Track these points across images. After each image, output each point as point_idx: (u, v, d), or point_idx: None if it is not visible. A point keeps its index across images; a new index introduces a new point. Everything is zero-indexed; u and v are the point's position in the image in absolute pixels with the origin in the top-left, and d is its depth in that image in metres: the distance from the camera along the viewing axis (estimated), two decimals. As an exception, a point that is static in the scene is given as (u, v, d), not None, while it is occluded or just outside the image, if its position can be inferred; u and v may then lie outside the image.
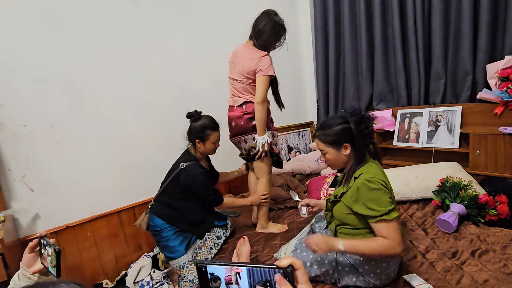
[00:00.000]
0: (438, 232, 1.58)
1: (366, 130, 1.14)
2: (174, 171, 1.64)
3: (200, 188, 1.62)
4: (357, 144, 1.16)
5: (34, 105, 1.59)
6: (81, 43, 1.74)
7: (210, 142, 1.66)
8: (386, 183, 1.11)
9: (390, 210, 1.05)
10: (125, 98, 1.93)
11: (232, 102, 1.78)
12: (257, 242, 1.76)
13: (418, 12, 2.33)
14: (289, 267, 0.45)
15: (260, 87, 1.62)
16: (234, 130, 1.79)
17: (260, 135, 1.70)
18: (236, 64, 1.71)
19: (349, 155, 1.19)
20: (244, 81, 1.70)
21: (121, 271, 1.90)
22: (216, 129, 1.67)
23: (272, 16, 1.67)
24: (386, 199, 1.07)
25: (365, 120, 1.14)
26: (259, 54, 1.64)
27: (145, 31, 2.00)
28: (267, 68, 1.61)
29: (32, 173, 1.59)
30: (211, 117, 1.68)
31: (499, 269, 1.25)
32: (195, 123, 1.64)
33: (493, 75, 2.01)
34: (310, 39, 3.15)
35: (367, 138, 1.15)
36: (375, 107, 2.79)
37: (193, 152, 1.70)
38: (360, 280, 1.20)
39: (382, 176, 1.12)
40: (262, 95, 1.62)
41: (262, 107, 1.63)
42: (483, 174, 1.98)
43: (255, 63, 1.62)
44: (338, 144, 1.18)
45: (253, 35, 1.70)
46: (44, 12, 1.60)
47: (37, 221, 1.62)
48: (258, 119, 1.66)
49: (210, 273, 0.48)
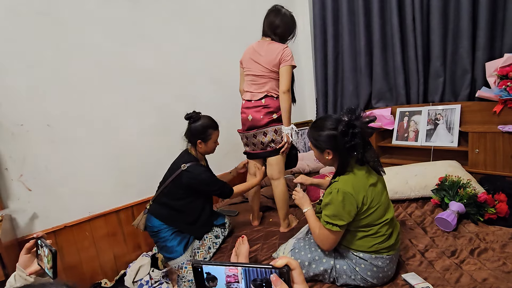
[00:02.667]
0: (437, 231, 1.58)
1: (349, 143, 1.12)
2: (174, 172, 1.63)
3: (207, 186, 1.63)
4: (338, 153, 1.18)
5: (30, 104, 1.58)
6: (79, 42, 1.72)
7: (212, 142, 1.68)
8: (354, 195, 1.12)
9: (335, 225, 1.14)
10: (123, 97, 1.92)
11: (249, 97, 1.77)
12: (256, 241, 1.76)
13: (417, 10, 2.32)
14: (285, 267, 0.44)
15: (285, 77, 1.65)
16: (250, 123, 1.77)
17: (287, 125, 1.70)
18: (258, 60, 1.71)
19: (332, 160, 1.23)
20: (268, 75, 1.70)
21: (120, 270, 1.90)
22: (217, 128, 1.69)
23: (285, 10, 1.72)
24: (339, 213, 1.12)
25: (353, 134, 1.11)
26: (282, 46, 1.67)
27: (143, 30, 1.99)
28: (290, 58, 1.65)
29: (29, 173, 1.59)
30: (210, 116, 1.70)
31: (498, 267, 1.25)
32: (195, 123, 1.64)
33: (492, 73, 2.01)
34: (309, 37, 3.15)
35: (350, 150, 1.14)
36: (374, 105, 2.79)
37: (193, 153, 1.70)
38: (358, 279, 1.21)
39: (352, 189, 1.12)
40: (287, 84, 1.65)
41: (288, 96, 1.66)
42: (482, 173, 1.98)
43: (280, 55, 1.65)
44: (321, 148, 1.23)
45: (268, 31, 1.72)
46: (41, 10, 1.59)
47: (35, 221, 1.62)
48: (284, 108, 1.67)
49: (207, 272, 0.48)
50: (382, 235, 1.17)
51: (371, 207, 1.15)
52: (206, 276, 0.48)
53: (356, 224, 1.18)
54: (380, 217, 1.17)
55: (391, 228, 1.21)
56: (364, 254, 1.20)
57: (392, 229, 1.21)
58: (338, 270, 1.24)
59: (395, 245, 1.22)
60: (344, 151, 1.15)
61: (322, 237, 1.21)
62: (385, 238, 1.18)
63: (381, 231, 1.17)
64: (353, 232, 1.20)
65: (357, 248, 1.21)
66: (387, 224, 1.18)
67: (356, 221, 1.17)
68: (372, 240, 1.18)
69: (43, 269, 0.87)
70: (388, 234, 1.19)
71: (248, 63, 1.76)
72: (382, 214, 1.18)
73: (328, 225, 1.15)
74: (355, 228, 1.19)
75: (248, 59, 1.75)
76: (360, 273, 1.19)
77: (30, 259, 0.89)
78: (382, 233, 1.17)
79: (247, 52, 1.79)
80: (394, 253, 1.22)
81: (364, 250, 1.19)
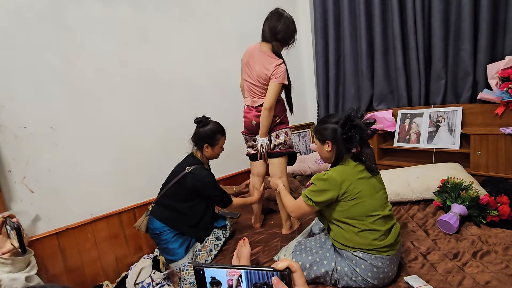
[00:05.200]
0: (439, 233, 1.58)
1: (346, 135, 1.21)
2: (178, 174, 1.64)
3: (209, 189, 1.64)
4: (337, 145, 1.27)
5: (34, 107, 1.59)
6: (82, 44, 1.74)
7: (218, 147, 1.72)
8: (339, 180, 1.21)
9: (310, 199, 1.26)
10: (126, 99, 1.93)
11: (251, 103, 1.78)
12: (257, 243, 1.76)
13: (418, 13, 2.32)
14: (286, 270, 0.44)
15: (271, 93, 1.64)
16: (254, 128, 1.79)
17: (261, 137, 1.74)
18: (252, 69, 1.71)
19: (331, 153, 1.31)
20: (261, 86, 1.72)
21: (121, 272, 1.90)
22: (224, 133, 1.74)
23: (286, 14, 1.69)
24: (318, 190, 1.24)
25: (352, 127, 1.20)
26: (275, 63, 1.63)
27: (145, 33, 2.01)
28: (280, 76, 1.63)
29: (32, 175, 1.60)
30: (218, 122, 1.74)
31: (501, 270, 1.24)
32: (204, 128, 1.68)
33: (493, 75, 2.00)
34: (310, 40, 3.16)
35: (347, 142, 1.23)
36: (376, 107, 2.79)
37: (199, 156, 1.71)
38: (359, 280, 1.21)
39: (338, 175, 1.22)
40: (271, 102, 1.64)
41: (268, 113, 1.66)
42: (484, 175, 1.97)
43: (271, 71, 1.63)
44: (323, 140, 1.32)
45: (269, 36, 1.68)
46: (45, 12, 1.61)
47: (38, 223, 1.62)
48: (262, 123, 1.69)
49: (212, 277, 0.48)
50: (378, 231, 1.20)
51: (358, 198, 1.21)
52: (210, 280, 0.48)
53: (346, 214, 1.22)
54: (371, 210, 1.21)
55: (387, 225, 1.23)
56: (364, 254, 1.20)
57: (389, 227, 1.23)
58: (339, 272, 1.24)
59: (394, 245, 1.22)
60: (341, 143, 1.23)
61: (296, 207, 1.35)
62: (381, 234, 1.20)
63: (376, 227, 1.20)
64: (347, 226, 1.23)
65: (355, 246, 1.22)
66: (380, 219, 1.21)
67: (344, 211, 1.22)
68: (368, 235, 1.20)
69: (16, 248, 0.89)
70: (384, 230, 1.20)
71: (245, 67, 1.78)
72: (373, 208, 1.21)
73: (305, 197, 1.28)
74: (346, 218, 1.22)
75: (246, 62, 1.76)
76: (361, 274, 1.20)
77: (1, 240, 0.91)
78: (377, 228, 1.20)
79: (245, 54, 1.78)
80: (394, 253, 1.23)
81: (363, 249, 1.20)
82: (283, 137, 1.76)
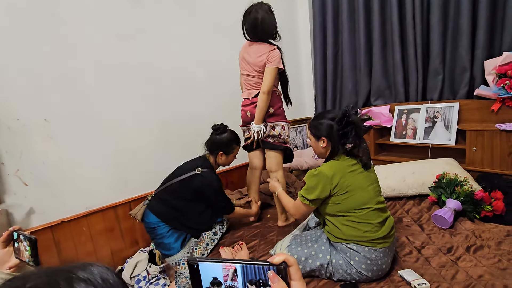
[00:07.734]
0: (434, 228, 1.59)
1: (341, 131, 1.23)
2: (185, 172, 1.63)
3: (215, 195, 1.65)
4: (332, 141, 1.28)
5: (27, 99, 1.56)
6: (77, 36, 1.70)
7: (232, 156, 1.76)
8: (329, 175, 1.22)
9: (306, 198, 1.27)
10: (122, 92, 1.90)
11: (247, 95, 1.81)
12: (253, 237, 1.77)
13: (417, 8, 2.31)
14: (283, 264, 0.44)
15: (267, 77, 1.65)
16: (249, 119, 1.82)
17: (257, 124, 1.74)
18: (248, 60, 1.74)
19: (325, 149, 1.33)
20: (257, 75, 1.73)
21: (117, 266, 1.90)
22: (240, 143, 1.77)
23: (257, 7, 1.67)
24: (311, 188, 1.26)
25: (348, 123, 1.22)
26: (269, 48, 1.67)
27: (142, 27, 1.97)
28: (275, 60, 1.65)
29: (26, 167, 1.57)
30: (234, 131, 1.77)
31: (493, 264, 1.26)
32: (221, 135, 1.70)
33: (490, 71, 2.01)
34: (308, 34, 3.13)
35: (342, 138, 1.25)
36: (373, 103, 2.79)
37: (211, 161, 1.73)
38: (353, 273, 1.22)
39: (329, 170, 1.24)
40: (268, 85, 1.65)
41: (266, 97, 1.67)
42: (479, 171, 1.99)
43: (265, 57, 1.65)
44: (318, 136, 1.33)
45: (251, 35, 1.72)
46: (38, 3, 1.57)
47: (32, 216, 1.61)
48: (259, 107, 1.69)
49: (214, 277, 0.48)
50: (369, 223, 1.21)
51: (349, 191, 1.22)
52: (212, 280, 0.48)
53: (338, 208, 1.24)
54: (362, 203, 1.22)
55: (380, 218, 1.24)
56: (358, 247, 1.22)
57: (382, 219, 1.24)
58: (334, 265, 1.25)
59: (388, 237, 1.24)
60: (337, 138, 1.25)
61: (295, 208, 1.38)
62: (373, 226, 1.21)
63: (368, 219, 1.21)
64: (340, 218, 1.24)
65: (348, 238, 1.23)
66: (373, 212, 1.22)
67: (337, 205, 1.24)
68: (361, 227, 1.21)
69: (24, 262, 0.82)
70: (377, 223, 1.22)
71: (241, 62, 1.81)
72: (364, 201, 1.23)
73: (301, 197, 1.30)
74: (339, 211, 1.24)
75: (242, 58, 1.79)
76: (355, 266, 1.21)
77: (6, 254, 0.84)
78: (369, 221, 1.21)
79: (241, 50, 1.82)
80: (388, 246, 1.24)
81: (356, 241, 1.22)
82: (279, 130, 1.76)
